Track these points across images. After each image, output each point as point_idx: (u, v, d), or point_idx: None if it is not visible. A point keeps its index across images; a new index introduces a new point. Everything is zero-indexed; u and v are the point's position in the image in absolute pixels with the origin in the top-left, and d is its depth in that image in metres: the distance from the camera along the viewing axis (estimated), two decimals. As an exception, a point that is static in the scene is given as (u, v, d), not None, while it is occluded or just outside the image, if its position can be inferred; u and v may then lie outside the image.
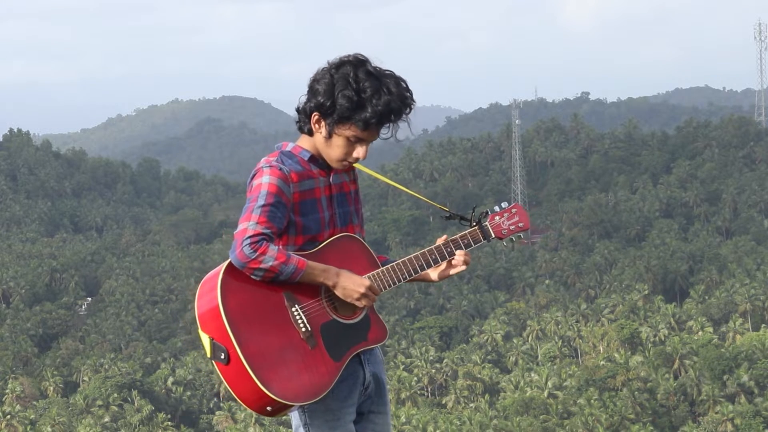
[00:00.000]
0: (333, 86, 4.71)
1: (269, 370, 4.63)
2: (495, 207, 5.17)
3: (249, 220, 4.67)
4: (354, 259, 4.92)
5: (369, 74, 4.73)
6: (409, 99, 4.79)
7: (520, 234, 5.18)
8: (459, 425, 75.56)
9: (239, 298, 4.67)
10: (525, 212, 5.20)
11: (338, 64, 4.75)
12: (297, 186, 4.79)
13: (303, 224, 4.82)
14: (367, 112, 4.71)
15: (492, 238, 5.12)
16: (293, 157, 4.85)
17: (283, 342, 4.69)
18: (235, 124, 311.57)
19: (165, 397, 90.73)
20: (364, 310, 4.89)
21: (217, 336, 4.65)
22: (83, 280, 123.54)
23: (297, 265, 4.69)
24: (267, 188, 4.71)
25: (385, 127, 4.81)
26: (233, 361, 4.62)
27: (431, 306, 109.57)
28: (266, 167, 4.76)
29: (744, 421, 74.45)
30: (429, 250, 5.03)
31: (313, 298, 4.79)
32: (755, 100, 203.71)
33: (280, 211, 4.72)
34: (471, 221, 5.11)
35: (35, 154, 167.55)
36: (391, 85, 4.74)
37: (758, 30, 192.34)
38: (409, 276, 4.98)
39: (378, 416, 5.04)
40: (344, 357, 4.79)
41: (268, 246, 4.64)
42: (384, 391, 5.03)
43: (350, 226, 4.98)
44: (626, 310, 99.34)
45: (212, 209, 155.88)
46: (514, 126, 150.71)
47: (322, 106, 4.74)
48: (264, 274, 4.66)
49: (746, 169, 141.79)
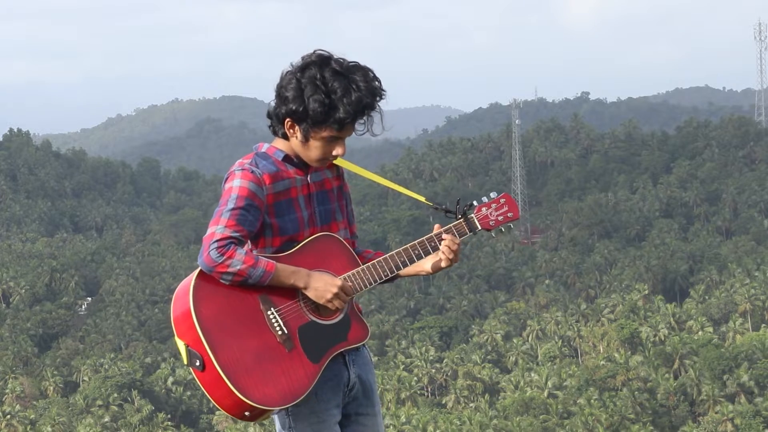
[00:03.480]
0: (302, 91, 4.64)
1: (245, 376, 4.57)
2: (483, 198, 5.06)
3: (217, 224, 4.62)
4: (332, 258, 4.84)
5: (336, 73, 4.65)
6: (378, 90, 4.70)
7: (510, 224, 5.06)
8: (459, 425, 75.55)
9: (212, 304, 4.61)
10: (514, 201, 5.08)
11: (303, 67, 4.67)
12: (271, 188, 4.72)
13: (279, 225, 4.75)
14: (341, 113, 4.64)
15: (478, 229, 5.02)
16: (268, 158, 4.79)
17: (259, 346, 4.62)
18: (235, 124, 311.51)
19: (165, 397, 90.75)
20: (343, 310, 4.81)
21: (191, 343, 4.59)
22: (83, 280, 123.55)
23: (266, 268, 4.62)
24: (237, 192, 4.66)
25: (360, 122, 4.74)
26: (208, 368, 4.56)
27: (431, 306, 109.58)
28: (238, 170, 4.72)
29: (744, 421, 74.44)
30: (412, 246, 4.93)
31: (290, 300, 4.72)
32: (755, 100, 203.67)
33: (251, 214, 4.65)
34: (456, 213, 5.01)
35: (35, 154, 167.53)
36: (360, 81, 4.66)
37: (758, 30, 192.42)
38: (391, 273, 4.89)
39: (366, 418, 4.97)
40: (323, 358, 4.72)
41: (236, 249, 4.57)
42: (372, 392, 4.96)
43: (333, 223, 4.90)
44: (626, 310, 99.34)
45: (212, 209, 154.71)
46: (514, 126, 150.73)
47: (294, 112, 4.68)
48: (232, 278, 4.59)
49: (746, 169, 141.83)
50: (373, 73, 4.72)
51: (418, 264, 4.97)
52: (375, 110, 4.73)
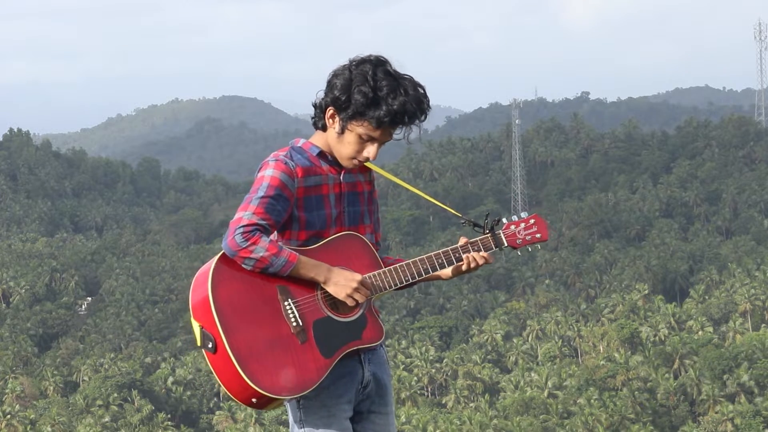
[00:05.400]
0: (350, 82, 4.71)
1: (255, 362, 4.61)
2: (513, 216, 5.12)
3: (246, 210, 4.66)
4: (354, 257, 4.88)
5: (387, 74, 4.74)
6: (424, 104, 4.77)
7: (537, 244, 5.11)
8: (459, 425, 75.57)
9: (230, 288, 4.65)
10: (544, 223, 5.14)
11: (359, 62, 4.76)
12: (302, 181, 4.77)
13: (306, 219, 4.79)
14: (382, 110, 4.71)
15: (505, 246, 5.07)
16: (303, 152, 4.84)
17: (272, 335, 4.67)
18: (235, 124, 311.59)
19: (165, 396, 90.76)
20: (361, 309, 4.85)
21: (206, 324, 4.64)
22: (83, 280, 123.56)
23: (288, 258, 4.66)
24: (269, 181, 4.70)
25: (398, 129, 4.81)
26: (220, 351, 4.60)
27: (431, 306, 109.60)
28: (272, 161, 4.76)
29: (744, 421, 74.44)
30: (436, 254, 4.98)
31: (309, 293, 4.76)
32: (755, 100, 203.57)
33: (280, 204, 4.70)
34: (484, 228, 5.06)
35: (35, 154, 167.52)
36: (409, 88, 4.74)
37: (758, 30, 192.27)
38: (413, 278, 4.93)
39: (379, 416, 5.01)
40: (335, 354, 4.75)
41: (261, 237, 4.62)
42: (386, 392, 5.00)
43: (361, 226, 4.94)
44: (626, 309, 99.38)
45: (212, 209, 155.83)
46: (514, 126, 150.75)
47: (337, 100, 4.74)
48: (254, 264, 4.63)
49: (746, 168, 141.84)
50: (423, 89, 4.80)
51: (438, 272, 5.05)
52: (415, 122, 4.80)
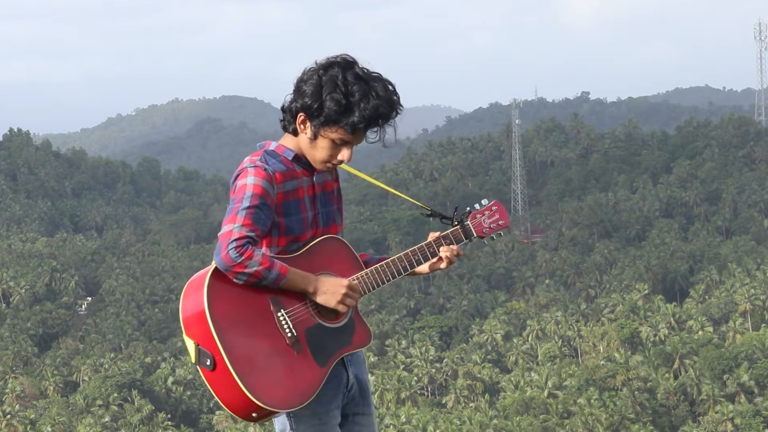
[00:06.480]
0: (321, 88, 4.63)
1: (256, 377, 4.56)
2: (476, 205, 5.11)
3: (234, 222, 4.61)
4: (336, 261, 4.86)
5: (358, 77, 4.65)
6: (396, 103, 4.71)
7: (500, 232, 5.12)
8: (459, 425, 75.58)
9: (225, 303, 4.60)
10: (504, 210, 5.14)
11: (326, 65, 4.67)
12: (281, 186, 4.72)
13: (286, 225, 4.75)
14: (355, 116, 4.64)
15: (474, 237, 5.08)
16: (277, 156, 4.78)
17: (270, 348, 4.62)
18: (235, 124, 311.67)
19: (165, 396, 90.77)
20: (348, 313, 4.83)
21: (202, 341, 4.59)
22: (83, 280, 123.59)
23: (280, 271, 4.62)
24: (252, 189, 4.64)
25: (372, 131, 4.74)
26: (219, 368, 4.55)
27: (431, 306, 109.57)
28: (251, 167, 4.69)
29: (744, 421, 74.47)
30: (412, 251, 4.99)
31: (299, 302, 4.73)
32: (755, 99, 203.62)
33: (264, 213, 4.65)
34: (453, 220, 5.08)
35: (35, 154, 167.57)
36: (380, 89, 4.67)
37: (758, 30, 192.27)
38: (393, 278, 4.93)
39: (363, 417, 5.00)
40: (329, 362, 4.74)
41: (254, 250, 4.57)
42: (367, 392, 4.99)
43: (333, 225, 4.92)
44: (626, 309, 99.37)
45: (212, 209, 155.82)
46: (514, 126, 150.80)
47: (309, 107, 4.66)
48: (247, 278, 4.59)
49: (746, 168, 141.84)
50: (394, 87, 4.73)
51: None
52: (389, 122, 4.74)
